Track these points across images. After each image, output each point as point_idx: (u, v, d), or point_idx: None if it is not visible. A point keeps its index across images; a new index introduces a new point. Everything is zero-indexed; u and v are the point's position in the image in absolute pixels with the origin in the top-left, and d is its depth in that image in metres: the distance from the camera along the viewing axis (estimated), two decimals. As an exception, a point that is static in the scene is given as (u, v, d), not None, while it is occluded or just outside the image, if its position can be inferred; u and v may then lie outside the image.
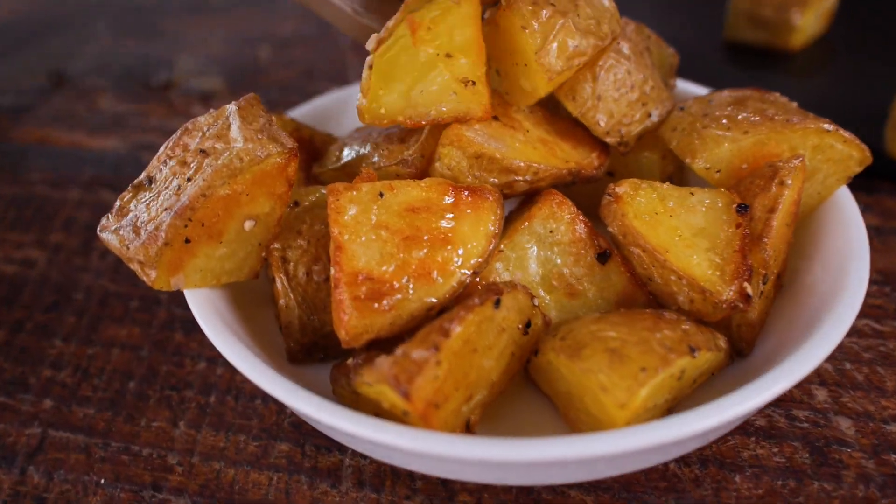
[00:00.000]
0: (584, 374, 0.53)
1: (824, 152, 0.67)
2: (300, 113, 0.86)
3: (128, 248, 0.62)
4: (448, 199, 0.59)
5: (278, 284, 0.65)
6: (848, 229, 0.65)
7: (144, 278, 0.62)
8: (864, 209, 0.86)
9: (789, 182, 0.64)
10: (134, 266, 0.62)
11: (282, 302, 0.65)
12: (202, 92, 1.17)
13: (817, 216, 0.69)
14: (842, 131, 0.66)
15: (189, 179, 0.62)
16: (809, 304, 0.62)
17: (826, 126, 0.66)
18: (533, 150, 0.66)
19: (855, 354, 0.70)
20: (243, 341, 0.62)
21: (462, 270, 0.58)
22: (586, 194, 0.74)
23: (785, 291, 0.67)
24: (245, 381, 0.71)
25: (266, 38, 1.34)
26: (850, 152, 0.67)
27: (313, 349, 0.66)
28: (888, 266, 0.79)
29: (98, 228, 0.64)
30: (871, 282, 0.77)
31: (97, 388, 0.72)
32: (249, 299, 0.70)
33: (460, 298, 0.59)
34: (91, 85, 1.21)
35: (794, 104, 0.71)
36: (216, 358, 0.74)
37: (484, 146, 0.64)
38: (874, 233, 0.83)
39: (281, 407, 0.68)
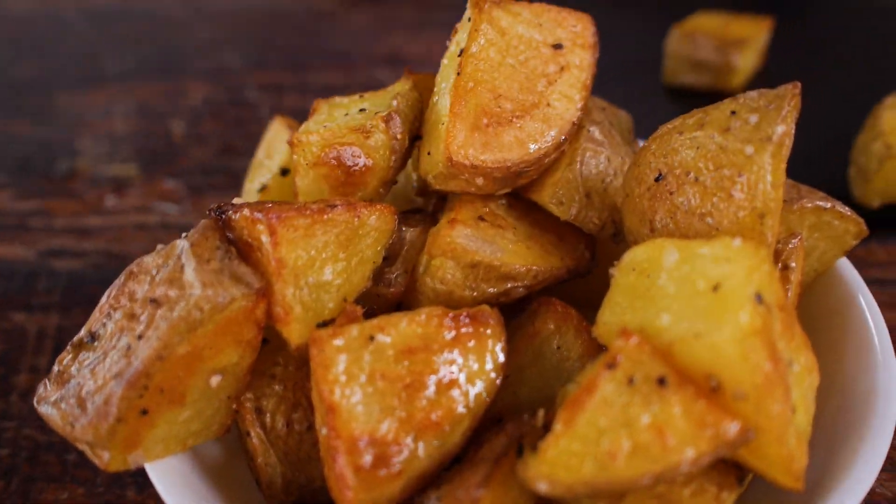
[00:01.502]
0: (634, 531, 0.47)
1: (822, 230, 0.64)
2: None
3: (73, 427, 0.52)
4: (448, 335, 0.52)
5: (255, 440, 0.56)
6: (857, 309, 0.62)
7: (96, 461, 0.52)
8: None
9: (793, 265, 0.60)
10: (82, 447, 0.52)
11: (260, 460, 0.56)
12: (114, 180, 1.05)
13: (816, 293, 0.66)
14: (838, 206, 0.63)
15: (140, 337, 0.53)
16: (833, 395, 0.59)
17: (822, 204, 0.63)
18: (528, 251, 0.60)
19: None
20: (217, 506, 0.54)
21: (472, 414, 0.52)
22: (567, 292, 0.68)
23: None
24: (220, 544, 0.62)
25: (173, 110, 1.23)
26: (846, 227, 0.64)
27: (300, 507, 0.58)
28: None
29: (34, 399, 0.54)
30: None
31: (42, 575, 0.61)
32: (215, 447, 0.61)
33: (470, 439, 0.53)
34: (-19, 181, 1.08)
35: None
36: (180, 517, 0.64)
37: (479, 253, 0.57)
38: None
39: (267, 574, 0.60)
